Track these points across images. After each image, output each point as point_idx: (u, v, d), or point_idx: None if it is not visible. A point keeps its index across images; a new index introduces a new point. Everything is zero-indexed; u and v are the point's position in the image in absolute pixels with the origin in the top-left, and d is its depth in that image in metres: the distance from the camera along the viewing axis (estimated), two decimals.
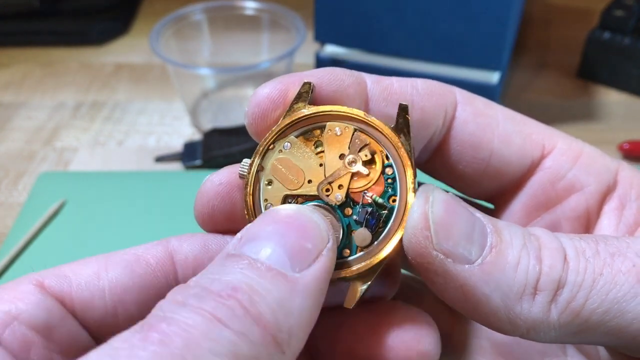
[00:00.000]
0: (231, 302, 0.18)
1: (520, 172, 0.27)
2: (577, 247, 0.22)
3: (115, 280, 0.23)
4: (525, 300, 0.21)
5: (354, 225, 0.24)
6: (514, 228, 0.23)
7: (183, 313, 0.18)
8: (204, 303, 0.18)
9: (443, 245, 0.21)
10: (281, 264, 0.20)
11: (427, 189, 0.23)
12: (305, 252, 0.21)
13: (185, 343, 0.17)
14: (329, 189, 0.24)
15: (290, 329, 0.19)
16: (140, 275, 0.24)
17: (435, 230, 0.22)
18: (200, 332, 0.17)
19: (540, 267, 0.21)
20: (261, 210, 0.24)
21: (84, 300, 0.23)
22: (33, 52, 0.85)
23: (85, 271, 0.23)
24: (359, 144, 0.24)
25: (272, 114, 0.25)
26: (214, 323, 0.18)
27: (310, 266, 0.20)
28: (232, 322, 0.18)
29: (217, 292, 0.19)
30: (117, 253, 0.24)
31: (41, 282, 0.22)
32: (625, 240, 0.22)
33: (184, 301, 0.18)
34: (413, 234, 0.22)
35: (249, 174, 0.24)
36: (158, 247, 0.25)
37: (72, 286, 0.23)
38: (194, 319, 0.18)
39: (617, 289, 0.21)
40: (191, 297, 0.19)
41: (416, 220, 0.22)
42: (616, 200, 0.27)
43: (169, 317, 0.18)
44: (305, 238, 0.21)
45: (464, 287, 0.21)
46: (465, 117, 0.26)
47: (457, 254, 0.21)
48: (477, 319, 0.23)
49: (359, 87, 0.25)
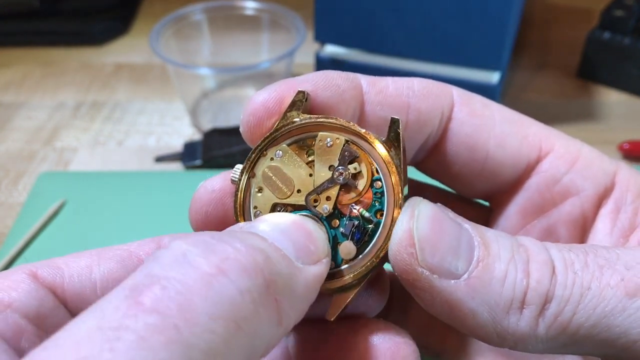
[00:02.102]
0: (244, 256, 0.18)
1: (516, 174, 0.27)
2: (565, 260, 0.22)
3: (107, 273, 0.23)
4: (513, 315, 0.21)
5: (340, 237, 0.24)
6: (503, 239, 0.22)
7: (181, 269, 0.17)
8: (211, 253, 0.18)
9: (428, 261, 0.21)
10: (287, 250, 0.20)
11: (413, 203, 0.22)
12: (309, 252, 0.21)
13: (180, 307, 0.16)
14: (317, 200, 0.24)
15: (290, 306, 0.19)
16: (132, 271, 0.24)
17: (420, 246, 0.21)
18: (198, 291, 0.17)
19: (528, 281, 0.21)
20: (251, 217, 0.24)
21: (76, 292, 0.23)
22: (33, 52, 0.85)
23: (78, 264, 0.23)
24: (348, 156, 0.24)
25: (267, 121, 0.25)
26: (216, 278, 0.17)
27: (311, 265, 0.21)
28: (238, 275, 0.17)
29: (231, 243, 0.18)
30: (111, 248, 0.24)
31: (34, 272, 0.22)
32: (615, 251, 0.22)
33: (185, 252, 0.18)
34: (397, 250, 0.22)
35: (240, 180, 0.24)
36: (151, 244, 0.25)
37: (65, 278, 0.23)
38: (193, 276, 0.17)
39: (605, 304, 0.21)
40: (196, 245, 0.18)
41: (400, 236, 0.22)
42: (612, 204, 0.27)
43: (163, 276, 0.17)
44: (310, 241, 0.21)
45: (451, 302, 0.21)
46: (461, 118, 0.26)
47: (443, 269, 0.21)
48: (464, 331, 0.22)
49: (355, 91, 0.25)
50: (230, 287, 0.17)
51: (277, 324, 0.19)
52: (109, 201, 0.59)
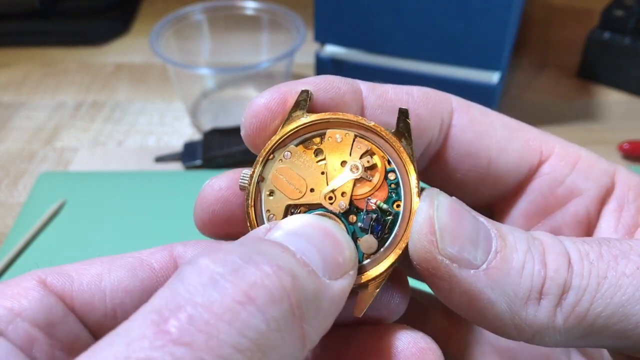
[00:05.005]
0: (272, 281, 0.18)
1: (518, 179, 0.27)
2: (580, 251, 0.22)
3: (117, 282, 0.23)
4: (531, 305, 0.21)
5: (359, 232, 0.24)
6: (518, 232, 0.22)
7: (208, 296, 0.17)
8: (240, 279, 0.17)
9: (448, 249, 0.21)
10: (315, 265, 0.20)
11: (431, 193, 0.23)
12: (337, 265, 0.21)
13: (206, 338, 0.16)
14: (332, 197, 0.24)
15: (314, 328, 0.19)
16: (143, 280, 0.24)
17: (440, 235, 0.21)
18: (225, 322, 0.16)
19: (546, 272, 0.21)
20: (264, 222, 0.24)
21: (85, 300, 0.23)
22: (33, 52, 0.85)
23: (88, 272, 0.23)
24: (360, 150, 0.24)
25: (270, 124, 0.24)
26: (244, 307, 0.17)
27: (338, 279, 0.20)
28: (265, 304, 0.17)
29: (259, 266, 0.18)
30: (122, 256, 0.24)
31: (44, 280, 0.22)
32: (627, 242, 0.22)
33: (212, 275, 0.17)
34: (418, 238, 0.22)
35: (250, 185, 0.24)
36: (163, 252, 0.25)
37: (74, 286, 0.23)
38: (220, 305, 0.17)
39: (622, 292, 0.21)
40: (224, 266, 0.18)
41: (421, 224, 0.22)
42: (614, 203, 0.27)
43: (190, 302, 0.17)
44: (339, 253, 0.21)
45: (469, 293, 0.21)
46: (462, 125, 0.26)
47: (462, 258, 0.21)
48: (482, 324, 0.22)
49: (355, 94, 0.25)
50: (258, 316, 0.17)
51: (301, 348, 0.18)
52: (109, 201, 0.59)
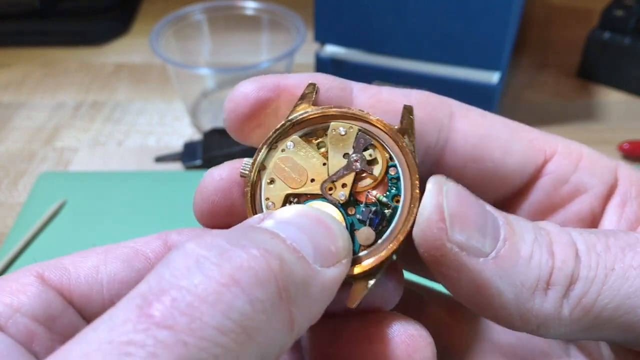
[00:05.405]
0: (259, 264, 0.18)
1: (524, 179, 0.27)
2: (587, 242, 0.22)
3: (113, 274, 0.23)
4: (538, 295, 0.21)
5: (356, 224, 0.24)
6: (524, 222, 0.22)
7: (193, 279, 0.17)
8: (225, 261, 0.17)
9: (457, 237, 0.21)
10: (306, 251, 0.20)
11: (439, 179, 0.22)
12: (329, 253, 0.20)
13: (189, 321, 0.16)
14: (332, 188, 0.24)
15: (303, 313, 0.19)
16: (139, 270, 0.24)
17: (450, 221, 0.21)
18: (208, 304, 0.16)
19: (553, 262, 0.21)
20: (262, 209, 0.24)
21: (82, 293, 0.23)
22: (33, 52, 0.85)
23: (84, 264, 0.23)
24: (363, 143, 0.24)
25: (248, 112, 0.24)
26: (228, 289, 0.17)
27: (330, 267, 0.20)
28: (251, 285, 0.17)
29: (247, 249, 0.18)
30: (117, 246, 0.24)
31: (41, 274, 0.22)
32: (634, 234, 0.22)
33: (198, 258, 0.17)
34: (427, 225, 0.21)
35: (251, 172, 0.24)
36: (157, 241, 0.25)
37: (71, 279, 0.23)
38: (204, 287, 0.17)
39: (629, 284, 0.21)
40: (210, 250, 0.18)
41: (430, 211, 0.21)
42: (617, 198, 0.27)
43: (175, 285, 0.17)
44: (332, 241, 0.21)
45: (477, 281, 0.21)
46: (464, 130, 0.26)
47: (471, 246, 0.21)
48: (486, 314, 0.22)
49: (343, 92, 0.25)
50: (242, 297, 0.17)
51: (289, 331, 0.18)
52: (109, 201, 0.59)
